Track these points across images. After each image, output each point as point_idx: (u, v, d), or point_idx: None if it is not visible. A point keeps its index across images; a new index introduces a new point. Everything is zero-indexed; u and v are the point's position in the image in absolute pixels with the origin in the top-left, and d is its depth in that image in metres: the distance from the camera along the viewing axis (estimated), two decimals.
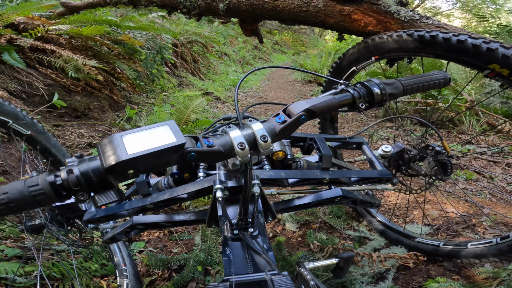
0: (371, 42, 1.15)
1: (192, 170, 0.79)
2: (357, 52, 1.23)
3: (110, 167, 0.38)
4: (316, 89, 4.86)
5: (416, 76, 0.67)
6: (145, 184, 0.76)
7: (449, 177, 0.98)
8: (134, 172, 0.40)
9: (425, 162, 0.99)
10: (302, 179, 0.77)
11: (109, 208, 0.78)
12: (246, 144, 0.48)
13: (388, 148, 0.96)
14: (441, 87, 0.72)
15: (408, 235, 1.35)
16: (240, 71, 7.09)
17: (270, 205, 0.66)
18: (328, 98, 0.55)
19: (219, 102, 4.25)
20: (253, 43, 10.42)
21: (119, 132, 0.43)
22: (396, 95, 0.62)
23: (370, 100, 0.58)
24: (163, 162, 0.43)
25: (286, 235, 1.56)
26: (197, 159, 0.45)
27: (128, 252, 1.35)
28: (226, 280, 0.44)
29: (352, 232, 1.52)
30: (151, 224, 0.76)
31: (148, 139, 0.41)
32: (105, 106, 2.33)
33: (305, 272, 0.44)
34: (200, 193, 0.71)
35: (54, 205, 0.81)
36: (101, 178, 0.40)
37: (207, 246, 1.41)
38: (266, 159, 0.81)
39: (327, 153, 0.80)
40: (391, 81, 0.62)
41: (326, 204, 0.84)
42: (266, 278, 0.44)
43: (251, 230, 0.58)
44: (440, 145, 0.97)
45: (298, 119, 0.51)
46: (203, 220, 0.75)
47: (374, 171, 0.87)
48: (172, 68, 4.45)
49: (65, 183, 0.40)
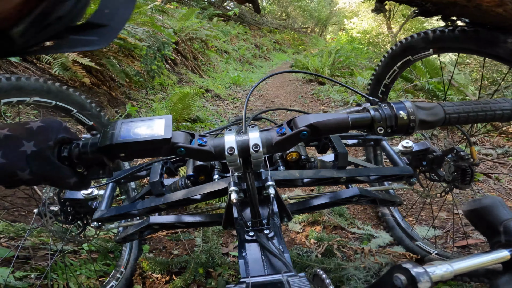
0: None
1: (208, 172, 0.79)
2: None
3: (102, 147, 0.45)
4: (318, 88, 4.81)
5: (470, 102, 0.54)
6: (158, 184, 0.76)
7: (467, 186, 0.91)
8: (125, 156, 0.46)
9: (445, 166, 0.92)
10: (317, 178, 0.75)
11: (120, 207, 0.78)
12: (235, 150, 0.49)
13: (409, 144, 0.89)
14: (506, 120, 0.57)
15: (411, 236, 1.33)
16: (240, 69, 7.04)
17: (285, 206, 0.64)
18: (340, 116, 0.50)
19: (219, 100, 4.21)
20: (253, 41, 10.37)
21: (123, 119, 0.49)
22: (431, 124, 0.51)
23: (392, 125, 0.50)
24: (152, 151, 0.48)
25: (289, 236, 1.52)
26: (186, 155, 0.49)
27: (136, 256, 1.31)
28: (242, 282, 0.44)
29: (357, 230, 1.49)
30: (167, 225, 0.76)
31: (142, 129, 0.46)
32: (104, 102, 2.28)
33: (322, 273, 0.43)
34: (214, 194, 0.71)
35: (65, 197, 0.84)
36: (96, 155, 0.46)
37: (208, 247, 1.37)
38: (280, 160, 0.80)
39: (343, 151, 0.76)
40: (430, 105, 0.51)
41: (343, 204, 0.82)
42: (283, 279, 0.44)
43: (267, 231, 0.58)
44: (465, 151, 0.88)
45: (299, 134, 0.49)
46: (218, 222, 0.74)
47: (395, 168, 0.83)
48: (172, 65, 4.40)
49: (70, 155, 0.46)
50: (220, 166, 0.80)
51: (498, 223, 0.39)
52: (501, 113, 0.54)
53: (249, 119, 0.69)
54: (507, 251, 0.37)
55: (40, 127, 0.44)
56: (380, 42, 13.21)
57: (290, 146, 0.52)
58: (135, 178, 0.95)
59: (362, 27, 20.33)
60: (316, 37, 19.14)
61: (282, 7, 18.97)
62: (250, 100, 4.62)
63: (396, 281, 0.33)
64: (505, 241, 0.38)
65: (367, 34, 18.57)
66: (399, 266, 0.33)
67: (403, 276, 0.32)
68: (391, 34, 14.43)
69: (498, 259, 0.37)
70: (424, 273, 0.32)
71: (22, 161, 0.41)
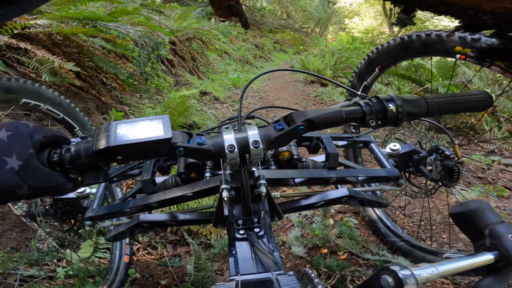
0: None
1: (199, 170, 0.79)
2: None
3: (98, 151, 0.42)
4: (320, 90, 4.64)
5: (448, 95, 0.59)
6: (150, 182, 0.75)
7: (455, 184, 0.95)
8: (122, 158, 0.44)
9: (432, 166, 0.97)
10: (308, 178, 0.76)
11: (112, 206, 0.78)
12: (236, 147, 0.50)
13: (396, 147, 0.96)
14: (481, 110, 0.62)
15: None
16: (240, 70, 6.87)
17: (276, 205, 0.65)
18: (334, 111, 0.52)
19: (218, 103, 4.04)
20: (253, 42, 10.21)
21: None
22: (417, 115, 0.55)
23: (382, 118, 0.53)
24: (151, 153, 0.47)
25: (292, 261, 1.35)
26: (185, 155, 0.48)
27: (123, 279, 1.21)
28: (232, 280, 0.44)
29: (371, 256, 1.32)
30: (157, 223, 0.76)
31: (139, 130, 0.44)
32: (91, 108, 2.11)
33: (311, 272, 0.44)
34: (205, 192, 0.71)
35: (57, 197, 0.84)
36: (91, 160, 0.44)
37: (201, 277, 1.20)
38: (272, 159, 0.81)
39: (334, 152, 0.78)
40: (414, 98, 0.56)
41: (332, 204, 0.83)
42: (272, 277, 0.44)
43: (257, 230, 0.58)
44: (450, 149, 0.94)
45: (296, 129, 0.50)
46: (208, 220, 0.75)
47: (382, 170, 0.85)
48: (169, 66, 4.23)
49: (61, 160, 0.44)
50: (212, 164, 0.80)
51: (484, 226, 0.41)
52: (476, 103, 0.60)
53: (243, 118, 0.68)
54: (491, 254, 0.38)
55: (10, 136, 0.40)
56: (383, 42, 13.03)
57: (288, 141, 0.53)
58: (127, 176, 0.94)
59: (363, 26, 20.19)
60: (317, 37, 18.98)
61: (283, 7, 18.82)
62: (250, 103, 4.46)
63: (384, 282, 0.34)
64: (490, 244, 0.39)
65: (369, 34, 18.41)
66: (387, 268, 0.34)
67: (391, 278, 0.34)
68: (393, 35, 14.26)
69: (482, 262, 0.38)
70: (411, 275, 0.33)
71: (15, 179, 0.39)
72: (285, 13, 19.22)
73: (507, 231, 0.40)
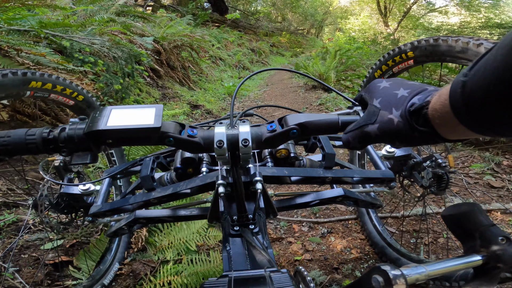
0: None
1: (196, 165, 0.78)
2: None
3: (89, 133, 0.45)
4: (324, 96, 4.19)
5: None
6: (149, 178, 0.75)
7: (442, 192, 0.96)
8: (112, 143, 0.46)
9: (424, 172, 0.97)
10: (305, 177, 0.75)
11: (114, 202, 0.79)
12: (225, 143, 0.49)
13: (392, 149, 0.96)
14: None
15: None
16: (236, 77, 6.44)
17: (271, 202, 0.66)
18: (330, 117, 0.50)
19: (210, 117, 3.60)
20: (249, 46, 9.83)
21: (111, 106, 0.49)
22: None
23: None
24: (141, 139, 0.48)
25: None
26: (175, 145, 0.49)
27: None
28: (225, 276, 0.43)
29: None
30: (154, 219, 0.77)
31: (132, 117, 0.46)
32: None
33: (303, 270, 0.43)
34: (202, 188, 0.70)
35: (62, 191, 0.86)
36: (82, 141, 0.46)
37: None
38: (269, 156, 0.80)
39: (331, 152, 0.78)
40: None
41: (327, 203, 0.84)
42: (265, 274, 0.43)
43: (252, 226, 0.59)
44: (443, 158, 0.95)
45: (288, 132, 0.49)
46: (203, 216, 0.75)
47: (377, 171, 0.85)
48: (155, 78, 3.80)
49: (55, 139, 0.47)
50: (209, 159, 0.79)
51: (474, 229, 0.41)
52: None
53: (241, 114, 0.66)
54: (480, 257, 0.40)
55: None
56: (382, 42, 12.70)
57: (280, 143, 0.52)
58: (130, 173, 0.93)
59: (359, 25, 19.89)
60: (313, 38, 18.65)
61: (278, 9, 18.52)
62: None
63: (374, 282, 0.35)
64: (479, 247, 0.40)
65: (365, 33, 18.09)
66: (378, 268, 0.35)
67: (381, 277, 0.35)
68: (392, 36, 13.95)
69: (471, 264, 0.39)
70: (401, 275, 0.34)
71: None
72: (280, 15, 18.91)
73: (497, 234, 0.40)
